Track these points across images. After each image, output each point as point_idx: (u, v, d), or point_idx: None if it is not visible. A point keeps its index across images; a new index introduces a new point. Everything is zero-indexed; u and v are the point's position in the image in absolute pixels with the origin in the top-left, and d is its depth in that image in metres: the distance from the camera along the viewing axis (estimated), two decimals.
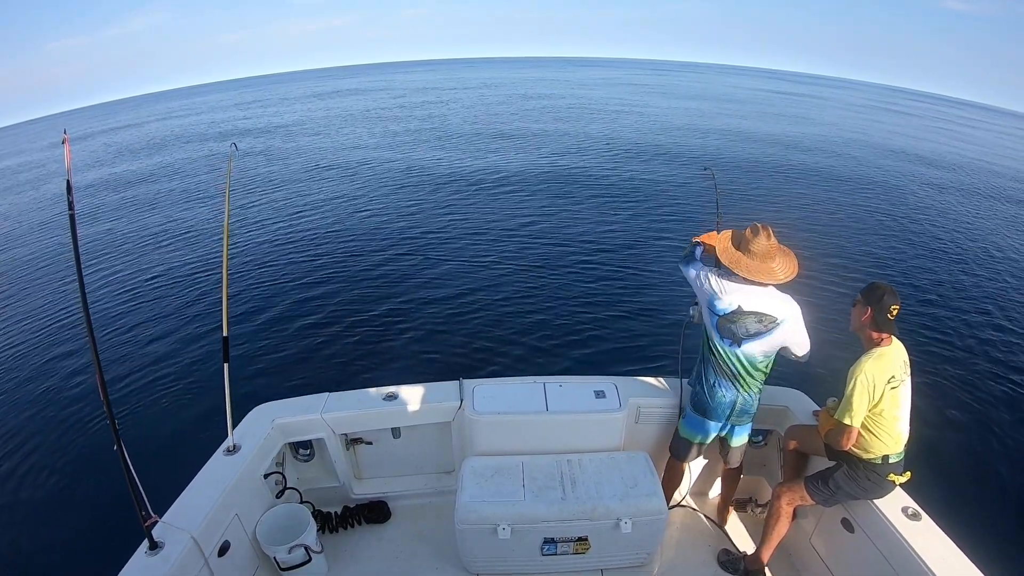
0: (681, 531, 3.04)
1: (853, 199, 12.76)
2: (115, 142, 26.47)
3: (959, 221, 11.72)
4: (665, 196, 11.99)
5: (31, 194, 16.87)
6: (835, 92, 62.88)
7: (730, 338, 2.47)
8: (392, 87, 48.21)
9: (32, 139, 39.28)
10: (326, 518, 2.96)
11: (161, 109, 49.33)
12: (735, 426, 2.70)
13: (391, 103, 33.15)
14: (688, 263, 2.62)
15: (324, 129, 22.97)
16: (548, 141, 18.21)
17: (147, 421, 5.25)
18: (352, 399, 2.95)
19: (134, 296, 7.94)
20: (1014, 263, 9.42)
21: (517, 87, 42.27)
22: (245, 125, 27.56)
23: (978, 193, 14.77)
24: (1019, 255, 9.85)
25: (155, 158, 19.71)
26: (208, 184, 14.63)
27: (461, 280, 7.83)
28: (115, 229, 11.31)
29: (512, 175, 13.53)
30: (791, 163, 16.33)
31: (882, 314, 2.23)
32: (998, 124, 46.58)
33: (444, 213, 10.75)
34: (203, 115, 34.73)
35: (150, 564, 2.02)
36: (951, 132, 31.69)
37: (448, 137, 19.28)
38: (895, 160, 18.47)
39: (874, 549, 2.35)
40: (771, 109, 33.71)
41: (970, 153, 22.91)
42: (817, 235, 9.67)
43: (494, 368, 5.80)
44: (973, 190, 15.04)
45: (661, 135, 19.99)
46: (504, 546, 2.48)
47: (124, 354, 6.39)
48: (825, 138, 22.09)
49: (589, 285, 7.69)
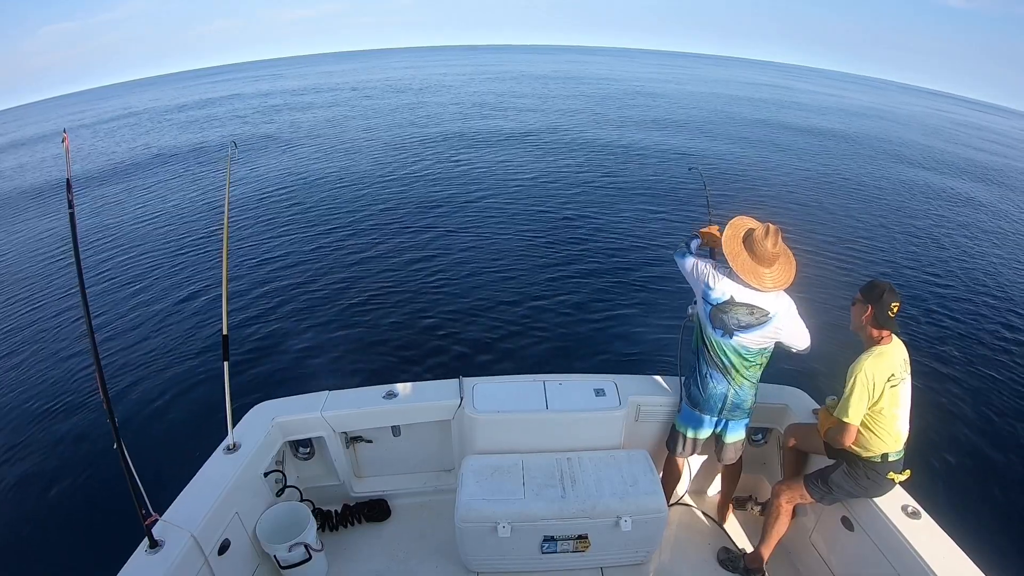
0: (681, 529, 3.04)
1: (851, 197, 12.76)
2: (109, 132, 26.24)
3: (958, 218, 11.73)
4: (665, 194, 11.99)
5: (30, 193, 16.85)
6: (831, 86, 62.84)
7: (722, 328, 2.47)
8: (386, 76, 47.94)
9: (24, 127, 38.76)
10: (326, 516, 2.96)
11: (154, 96, 48.77)
12: (728, 421, 2.70)
13: (383, 95, 32.95)
14: (683, 254, 2.63)
15: (323, 123, 22.90)
16: (547, 138, 18.17)
17: (147, 419, 5.25)
18: (352, 397, 2.95)
19: (134, 294, 7.93)
20: (1014, 260, 9.42)
21: (516, 76, 42.18)
22: (242, 115, 27.30)
23: (978, 190, 14.77)
24: (1019, 253, 9.86)
25: (151, 150, 19.61)
26: (206, 179, 14.56)
27: (461, 278, 7.82)
28: (113, 225, 11.29)
29: (512, 173, 13.51)
30: (788, 163, 16.34)
31: (883, 312, 2.23)
32: (995, 120, 46.59)
33: (444, 211, 10.73)
34: (199, 105, 34.35)
35: (150, 562, 2.02)
36: (948, 132, 31.65)
37: (445, 132, 19.21)
38: (893, 160, 18.47)
39: (874, 547, 2.35)
40: (759, 101, 33.69)
41: (968, 152, 22.90)
42: (816, 234, 9.68)
43: (494, 366, 5.80)
44: (972, 187, 15.04)
45: (654, 132, 19.99)
46: (504, 544, 2.49)
47: (124, 352, 6.39)
48: (820, 135, 22.10)
49: (589, 283, 7.69)
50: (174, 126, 25.72)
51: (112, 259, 9.37)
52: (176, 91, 50.95)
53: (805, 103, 37.26)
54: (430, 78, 44.10)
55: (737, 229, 2.46)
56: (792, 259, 2.45)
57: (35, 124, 37.89)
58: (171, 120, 28.27)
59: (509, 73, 48.00)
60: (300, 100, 31.86)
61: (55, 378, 6.07)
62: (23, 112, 64.22)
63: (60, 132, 1.75)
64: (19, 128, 36.98)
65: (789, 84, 57.05)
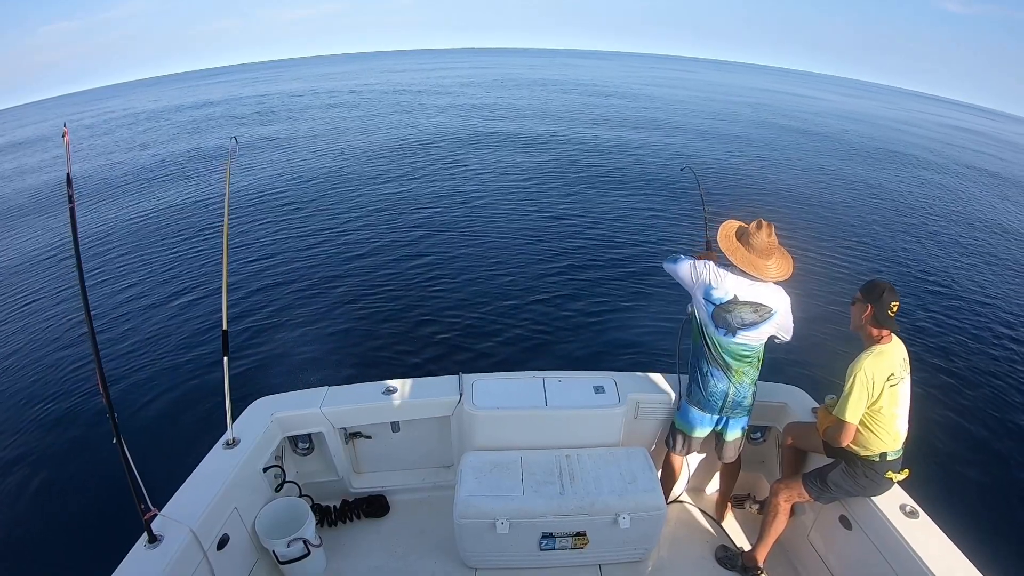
0: (679, 527, 3.05)
1: (848, 198, 12.75)
2: (109, 131, 26.23)
3: (956, 218, 11.72)
4: (662, 192, 11.98)
5: (29, 190, 16.83)
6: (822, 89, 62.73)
7: (725, 328, 2.48)
8: (387, 78, 47.87)
9: (22, 127, 38.43)
10: (325, 512, 2.96)
11: (154, 96, 48.69)
12: (729, 419, 2.70)
13: (383, 95, 32.90)
14: (676, 259, 2.64)
15: (322, 122, 22.86)
16: (545, 139, 18.15)
17: (147, 414, 5.25)
18: (351, 393, 2.95)
19: (134, 289, 7.93)
20: (1014, 260, 9.41)
21: (514, 78, 42.13)
22: (242, 115, 27.32)
23: (974, 189, 14.75)
24: (1018, 252, 9.85)
25: (151, 149, 19.60)
26: (207, 177, 14.55)
27: (461, 274, 7.82)
28: (114, 221, 11.27)
29: (511, 172, 13.50)
30: (784, 163, 16.32)
31: (882, 311, 2.23)
32: (987, 123, 46.50)
33: (444, 208, 10.73)
34: (198, 106, 34.31)
35: (149, 557, 2.02)
36: (946, 135, 31.62)
37: (444, 132, 19.19)
38: (891, 160, 18.44)
39: (872, 546, 2.36)
40: (753, 105, 33.64)
41: (965, 154, 22.86)
42: (813, 233, 9.67)
43: (493, 363, 5.81)
44: (970, 188, 15.02)
45: (651, 133, 19.97)
46: (502, 541, 2.49)
47: (124, 347, 6.39)
48: (814, 135, 22.06)
49: (589, 280, 7.68)
50: (173, 126, 25.62)
51: (112, 255, 9.37)
52: (176, 92, 50.50)
53: (800, 106, 37.24)
54: (429, 80, 44.09)
55: (728, 229, 2.51)
56: (787, 254, 2.50)
57: (33, 125, 37.56)
58: (170, 120, 28.16)
59: (508, 75, 47.95)
60: (299, 101, 31.80)
61: (55, 373, 6.07)
62: (21, 112, 63.74)
63: (59, 134, 1.73)
64: (15, 129, 36.65)
65: (783, 88, 57.09)
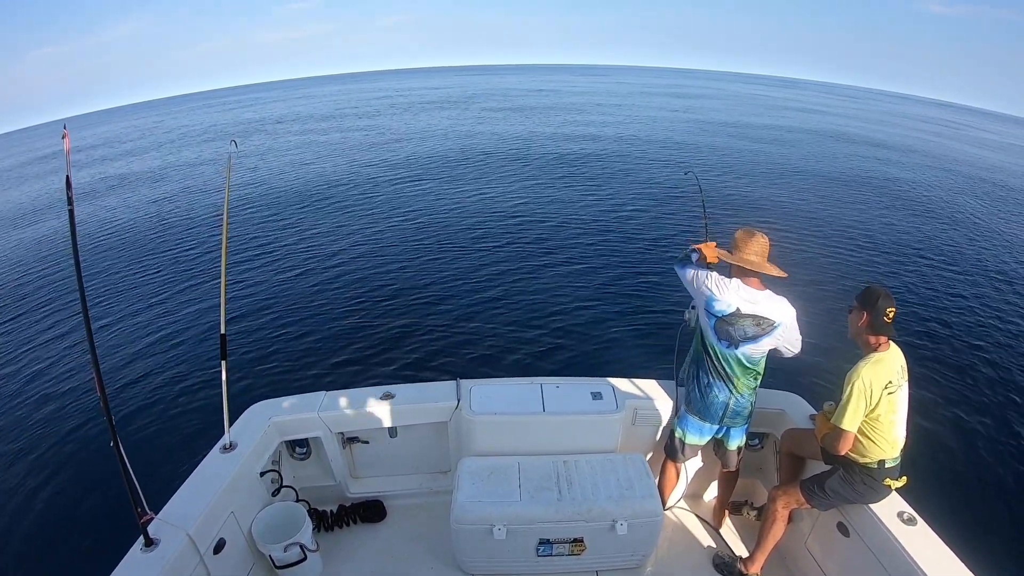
0: (676, 533, 3.04)
1: (846, 203, 12.77)
2: (106, 151, 26.27)
3: (953, 224, 11.74)
4: (661, 199, 12.02)
5: (28, 190, 16.86)
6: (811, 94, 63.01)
7: (727, 340, 2.48)
8: (379, 94, 48.16)
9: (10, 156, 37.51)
10: (322, 517, 2.95)
11: (148, 117, 48.89)
12: (730, 428, 2.71)
13: (381, 112, 33.05)
14: (684, 265, 2.64)
15: (324, 130, 22.96)
16: (545, 148, 18.22)
17: (144, 418, 5.24)
18: (349, 398, 2.94)
19: (132, 293, 7.93)
20: (1010, 267, 9.43)
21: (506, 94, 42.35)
22: (237, 130, 27.52)
23: (970, 195, 14.78)
24: (1015, 260, 9.87)
25: (149, 163, 19.67)
26: (205, 183, 14.62)
27: (460, 281, 7.83)
28: (113, 227, 11.30)
29: (511, 180, 13.54)
30: (780, 165, 16.38)
31: (878, 317, 2.24)
32: (975, 120, 46.73)
33: (442, 215, 10.76)
34: (195, 126, 34.37)
35: (145, 561, 2.01)
36: (944, 136, 31.74)
37: (443, 144, 19.28)
38: (889, 161, 18.50)
39: (869, 553, 2.35)
40: (747, 111, 33.82)
41: (962, 155, 22.95)
42: (811, 241, 9.70)
43: (491, 368, 5.81)
44: (966, 192, 15.06)
45: (651, 141, 20.06)
46: (500, 547, 2.48)
47: (122, 351, 6.38)
48: (808, 140, 22.16)
49: (587, 287, 7.70)
50: (172, 142, 25.72)
51: (111, 260, 9.38)
52: (160, 116, 50.01)
53: (794, 110, 37.38)
54: (425, 95, 44.33)
55: (722, 251, 2.56)
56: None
57: (22, 153, 36.94)
58: (164, 139, 28.26)
59: (504, 90, 48.24)
60: (297, 113, 31.89)
61: (52, 376, 6.06)
62: (7, 140, 62.60)
63: (49, 158, 1.73)
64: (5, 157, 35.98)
65: (775, 94, 57.44)
